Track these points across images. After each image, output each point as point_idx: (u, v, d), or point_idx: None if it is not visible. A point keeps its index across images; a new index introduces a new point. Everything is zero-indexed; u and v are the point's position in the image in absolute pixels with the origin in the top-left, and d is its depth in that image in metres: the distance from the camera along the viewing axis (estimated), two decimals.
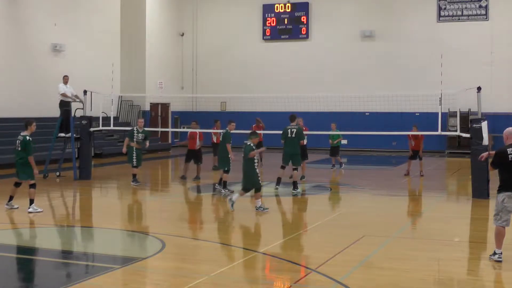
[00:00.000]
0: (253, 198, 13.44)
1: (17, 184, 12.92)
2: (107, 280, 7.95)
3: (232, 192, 15.20)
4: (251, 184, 12.95)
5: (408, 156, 19.95)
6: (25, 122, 12.97)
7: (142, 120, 18.43)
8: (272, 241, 10.42)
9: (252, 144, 12.96)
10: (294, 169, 15.84)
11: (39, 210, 12.65)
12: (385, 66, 29.96)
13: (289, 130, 15.59)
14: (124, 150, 17.57)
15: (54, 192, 16.19)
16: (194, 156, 18.33)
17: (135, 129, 17.59)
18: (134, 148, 17.22)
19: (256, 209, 12.87)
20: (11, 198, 12.97)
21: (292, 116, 15.89)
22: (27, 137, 12.59)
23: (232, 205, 12.83)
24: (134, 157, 17.20)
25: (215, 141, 20.18)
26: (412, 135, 19.51)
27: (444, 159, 27.20)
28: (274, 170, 17.44)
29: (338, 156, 21.85)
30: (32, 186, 12.62)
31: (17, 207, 12.86)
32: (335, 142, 21.59)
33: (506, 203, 8.78)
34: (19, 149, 12.63)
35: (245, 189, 13.08)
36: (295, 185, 15.54)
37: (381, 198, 15.77)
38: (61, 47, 26.19)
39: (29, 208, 12.59)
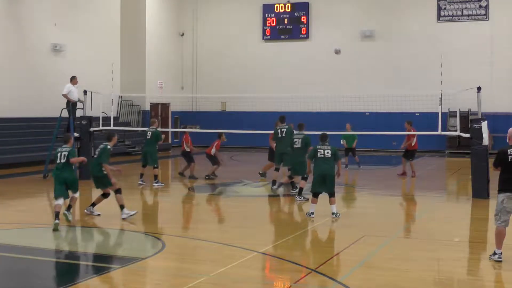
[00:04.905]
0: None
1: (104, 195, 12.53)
2: (107, 280, 7.96)
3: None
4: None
5: (402, 155, 19.97)
6: (108, 134, 12.96)
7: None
8: (272, 241, 10.44)
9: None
10: (289, 169, 15.79)
11: (132, 213, 12.34)
12: (385, 66, 29.95)
13: (279, 130, 16.06)
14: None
15: None
16: (186, 156, 19.06)
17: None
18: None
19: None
20: (94, 204, 12.67)
21: (282, 117, 16.48)
22: (108, 146, 12.43)
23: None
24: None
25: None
26: (407, 135, 19.50)
27: (444, 159, 27.20)
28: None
29: (356, 156, 22.23)
30: (118, 191, 12.28)
31: (99, 214, 12.50)
32: (353, 145, 21.93)
33: (506, 204, 8.80)
34: (96, 156, 12.58)
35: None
36: (293, 185, 15.54)
37: (381, 198, 15.77)
38: (61, 47, 26.18)
39: (122, 214, 12.22)
